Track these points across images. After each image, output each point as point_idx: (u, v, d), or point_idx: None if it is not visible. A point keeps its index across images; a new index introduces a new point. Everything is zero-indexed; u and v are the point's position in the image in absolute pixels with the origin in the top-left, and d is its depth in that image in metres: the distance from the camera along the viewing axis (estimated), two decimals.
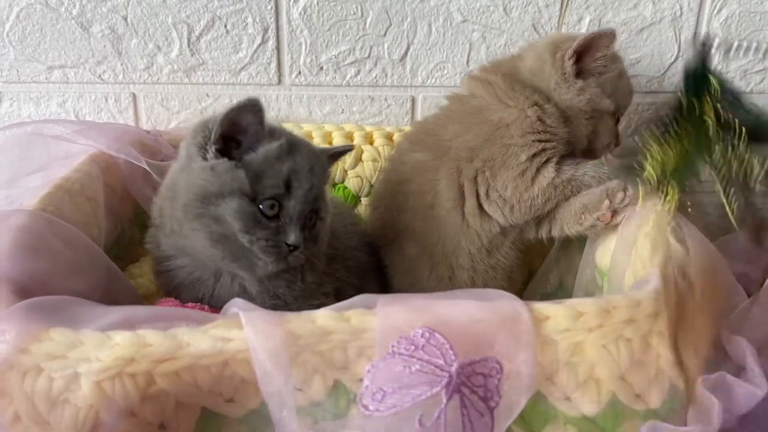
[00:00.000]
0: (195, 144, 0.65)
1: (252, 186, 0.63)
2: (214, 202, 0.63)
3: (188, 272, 0.68)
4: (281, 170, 0.64)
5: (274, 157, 0.64)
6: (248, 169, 0.63)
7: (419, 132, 0.85)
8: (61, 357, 0.47)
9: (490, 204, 0.77)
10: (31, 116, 1.00)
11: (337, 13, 0.97)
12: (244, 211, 0.62)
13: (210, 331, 0.48)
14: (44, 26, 0.96)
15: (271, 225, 0.64)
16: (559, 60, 0.77)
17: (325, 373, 0.51)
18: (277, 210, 0.64)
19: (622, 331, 0.52)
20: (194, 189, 0.63)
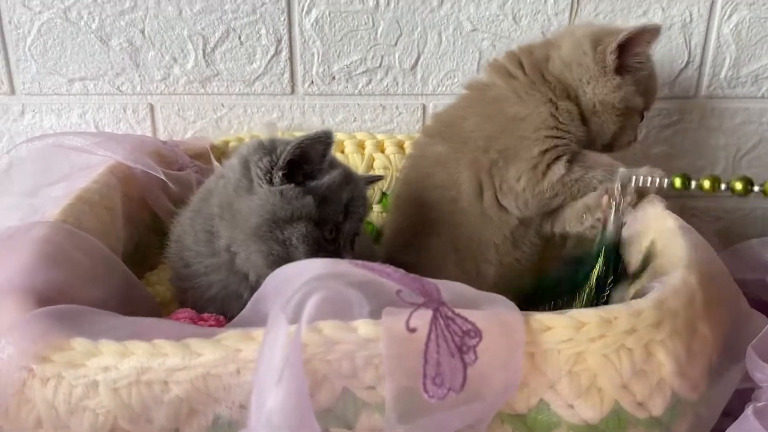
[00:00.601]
0: (260, 167, 0.66)
1: (318, 212, 0.66)
2: (282, 227, 0.65)
3: (222, 287, 0.70)
4: (343, 197, 0.68)
5: (337, 185, 0.68)
6: (315, 195, 0.66)
7: (438, 124, 0.85)
8: (81, 365, 0.49)
9: (504, 196, 0.78)
10: (52, 127, 1.04)
11: (349, 24, 0.99)
12: (311, 236, 0.65)
13: (222, 342, 0.50)
14: (65, 40, 0.99)
15: (330, 248, 0.67)
16: (600, 53, 0.77)
17: (334, 380, 0.52)
18: (335, 234, 0.68)
19: (623, 341, 0.53)
20: (263, 213, 0.65)
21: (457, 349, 0.45)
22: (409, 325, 0.45)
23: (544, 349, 0.52)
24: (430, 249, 0.80)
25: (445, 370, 0.44)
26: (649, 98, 0.83)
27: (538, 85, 0.78)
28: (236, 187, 0.67)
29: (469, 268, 0.80)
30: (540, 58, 0.81)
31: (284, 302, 0.46)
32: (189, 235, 0.71)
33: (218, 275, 0.70)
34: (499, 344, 0.50)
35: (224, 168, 0.71)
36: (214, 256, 0.69)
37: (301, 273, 0.47)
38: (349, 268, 0.48)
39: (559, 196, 0.77)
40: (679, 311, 0.55)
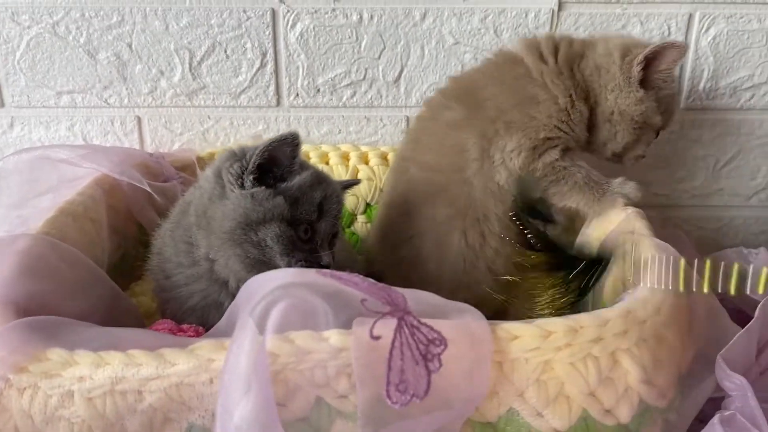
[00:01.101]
0: (231, 173, 0.67)
1: (291, 212, 0.67)
2: (255, 228, 0.66)
3: (202, 297, 0.71)
4: (315, 197, 0.69)
5: (308, 185, 0.69)
6: (286, 196, 0.67)
7: (456, 88, 0.85)
8: (57, 375, 0.50)
9: (496, 170, 0.79)
10: (41, 139, 1.05)
11: (333, 38, 1.01)
12: (284, 235, 0.66)
13: (195, 352, 0.51)
14: (53, 54, 1.00)
15: (305, 247, 0.68)
16: (627, 64, 0.78)
17: (307, 390, 0.53)
18: (310, 234, 0.69)
19: (590, 350, 0.54)
20: (236, 216, 0.66)
21: (421, 357, 0.46)
22: (373, 333, 0.46)
23: (512, 357, 0.53)
24: (436, 215, 0.80)
25: (409, 378, 0.45)
26: (668, 118, 0.84)
27: (565, 78, 0.79)
28: (210, 195, 0.68)
29: (473, 240, 0.80)
30: (576, 52, 0.82)
31: (250, 309, 0.47)
32: (169, 246, 0.72)
33: (199, 285, 0.71)
34: (467, 353, 0.51)
35: (200, 179, 0.72)
36: (194, 266, 0.70)
37: (269, 281, 0.49)
38: (316, 278, 0.49)
39: (547, 178, 0.79)
40: (646, 320, 0.56)
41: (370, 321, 0.49)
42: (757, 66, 1.04)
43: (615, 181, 0.78)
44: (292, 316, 0.47)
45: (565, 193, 0.78)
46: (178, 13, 0.99)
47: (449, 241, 0.80)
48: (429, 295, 0.55)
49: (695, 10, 1.01)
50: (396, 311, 0.47)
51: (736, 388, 0.61)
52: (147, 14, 0.99)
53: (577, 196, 0.78)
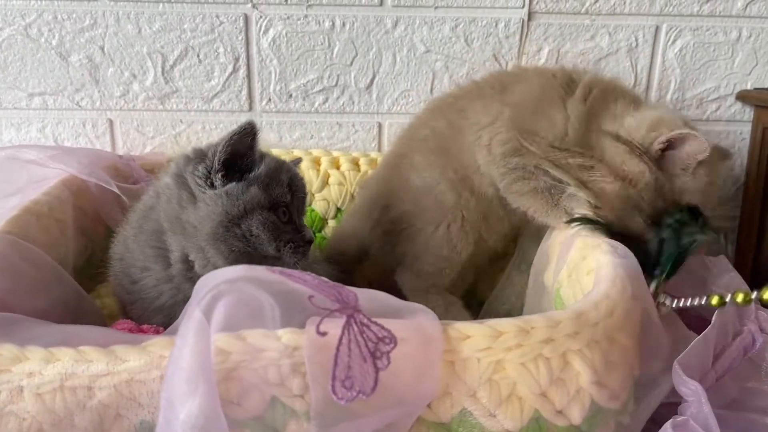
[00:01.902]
0: (197, 176, 0.67)
1: (267, 198, 0.68)
2: (238, 223, 0.66)
3: (171, 295, 0.71)
4: (283, 179, 0.70)
5: (274, 169, 0.70)
6: (258, 184, 0.68)
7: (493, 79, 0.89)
8: (6, 371, 0.50)
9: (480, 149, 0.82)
10: (12, 141, 1.05)
11: (305, 44, 1.02)
12: (268, 222, 0.67)
13: (147, 348, 0.51)
14: (25, 56, 1.00)
15: (288, 229, 0.69)
16: (652, 137, 0.77)
17: (262, 389, 0.53)
18: (288, 215, 0.70)
19: (540, 350, 0.55)
20: (215, 216, 0.66)
21: (369, 354, 0.47)
22: (320, 330, 0.46)
23: (464, 357, 0.54)
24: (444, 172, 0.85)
25: (356, 374, 0.46)
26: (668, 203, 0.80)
27: (582, 125, 0.80)
28: (179, 201, 0.68)
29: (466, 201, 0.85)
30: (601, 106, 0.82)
31: (197, 301, 0.47)
32: (134, 252, 0.72)
33: (169, 285, 0.70)
34: (418, 352, 0.51)
35: (159, 186, 0.72)
36: (166, 269, 0.70)
37: (216, 277, 0.49)
38: (265, 274, 0.49)
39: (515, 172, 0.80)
40: (598, 322, 0.57)
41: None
42: (722, 78, 1.06)
43: (565, 193, 0.79)
44: (238, 311, 0.47)
45: (524, 193, 0.80)
46: (151, 17, 0.99)
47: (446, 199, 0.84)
48: (383, 295, 0.56)
49: (662, 22, 1.03)
50: (346, 308, 0.48)
51: (691, 394, 0.62)
52: (120, 18, 0.99)
53: (532, 201, 0.79)
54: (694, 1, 1.03)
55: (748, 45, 1.05)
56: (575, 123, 0.80)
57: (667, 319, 0.69)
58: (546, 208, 0.79)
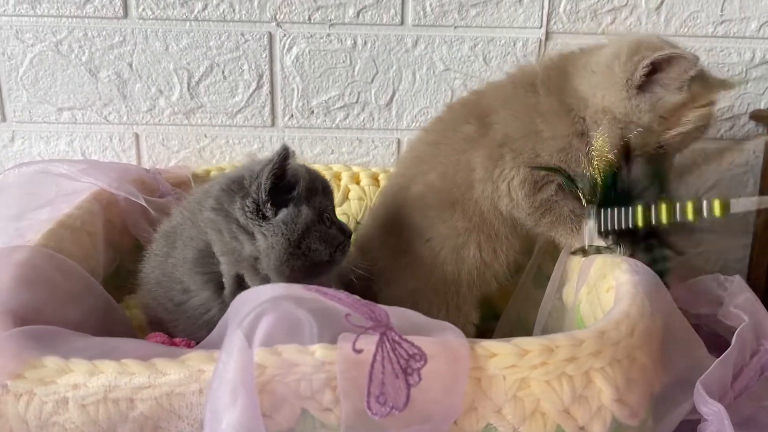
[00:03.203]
0: (247, 212, 0.67)
1: (314, 213, 0.71)
2: (299, 244, 0.69)
3: (219, 310, 0.70)
4: (318, 188, 0.73)
5: (310, 180, 0.72)
6: (305, 203, 0.70)
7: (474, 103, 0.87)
8: (52, 382, 0.52)
9: (500, 197, 0.82)
10: (41, 154, 1.07)
11: (328, 62, 1.04)
12: (323, 234, 0.71)
13: (186, 362, 0.53)
14: (55, 71, 1.03)
15: (334, 233, 0.73)
16: (633, 63, 0.76)
17: (293, 402, 0.55)
18: (330, 219, 0.74)
19: (564, 368, 0.56)
20: (279, 247, 0.67)
21: (401, 371, 0.49)
22: (356, 347, 0.48)
23: (490, 374, 0.55)
24: (457, 227, 0.83)
25: (389, 390, 0.48)
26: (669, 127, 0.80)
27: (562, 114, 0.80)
28: (231, 236, 0.68)
29: (487, 254, 0.84)
30: (560, 74, 0.82)
31: (239, 321, 0.49)
32: (174, 277, 0.72)
33: (218, 301, 0.71)
34: (446, 369, 0.53)
35: (199, 219, 0.71)
36: (217, 291, 0.71)
37: (258, 295, 0.51)
38: (303, 292, 0.51)
39: (541, 208, 0.81)
40: (619, 341, 0.59)
41: (354, 336, 0.51)
42: (736, 97, 1.08)
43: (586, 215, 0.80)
44: (279, 328, 0.49)
45: (552, 222, 0.81)
46: (178, 34, 1.02)
47: (466, 252, 0.83)
48: (412, 313, 0.57)
49: (677, 43, 1.05)
50: (378, 326, 0.50)
51: (713, 414, 0.63)
52: (148, 35, 1.02)
53: (559, 228, 0.81)
54: (708, 23, 1.05)
55: (762, 66, 1.07)
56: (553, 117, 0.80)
57: (689, 341, 0.71)
58: (572, 232, 0.81)
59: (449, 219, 0.84)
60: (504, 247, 0.85)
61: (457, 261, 0.84)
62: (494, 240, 0.84)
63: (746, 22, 1.05)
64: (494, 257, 0.85)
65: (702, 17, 1.04)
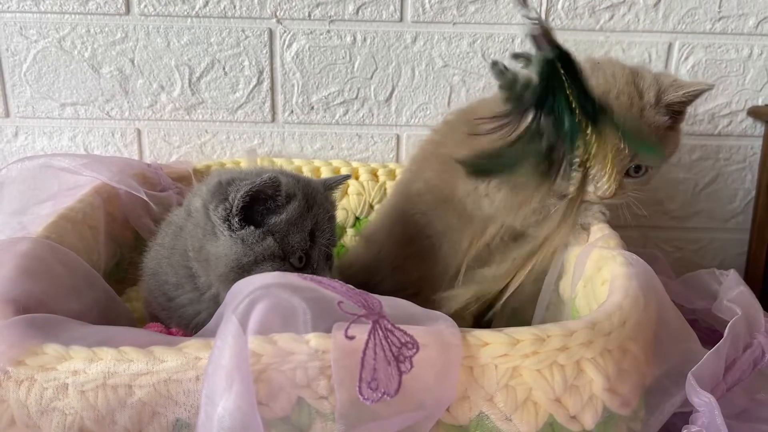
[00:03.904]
0: (217, 216, 0.67)
1: (282, 248, 0.67)
2: (248, 270, 0.66)
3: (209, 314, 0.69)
4: (305, 226, 0.69)
5: (297, 216, 0.69)
6: (275, 232, 0.67)
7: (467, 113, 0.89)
8: (52, 369, 0.53)
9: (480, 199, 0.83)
10: (44, 149, 1.09)
11: (327, 58, 1.05)
12: (279, 271, 0.66)
13: (183, 350, 0.54)
14: (58, 67, 1.04)
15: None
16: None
17: (289, 390, 0.56)
18: (305, 260, 0.69)
19: (555, 358, 0.57)
20: (229, 261, 0.66)
21: (394, 358, 0.50)
22: (348, 333, 0.49)
23: (482, 363, 0.56)
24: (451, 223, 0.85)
25: (381, 376, 0.49)
26: None
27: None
28: (204, 232, 0.69)
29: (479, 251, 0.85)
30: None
31: (234, 308, 0.50)
32: (167, 271, 0.73)
33: (204, 304, 0.72)
34: (438, 358, 0.54)
35: (190, 206, 0.72)
36: (196, 291, 0.72)
37: (252, 282, 0.52)
38: (297, 281, 0.52)
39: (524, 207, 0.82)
40: (611, 332, 0.59)
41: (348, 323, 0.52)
42: (734, 94, 1.09)
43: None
44: (273, 315, 0.50)
45: (540, 221, 0.82)
46: (179, 30, 1.03)
47: (461, 247, 0.85)
48: (405, 303, 0.58)
49: (675, 39, 1.06)
50: (371, 314, 0.51)
51: (704, 405, 0.64)
52: (150, 31, 1.03)
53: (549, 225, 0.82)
54: (706, 19, 1.05)
55: (760, 62, 1.07)
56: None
57: (681, 333, 0.71)
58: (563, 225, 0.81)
59: (444, 216, 0.86)
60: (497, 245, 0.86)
61: (456, 255, 0.86)
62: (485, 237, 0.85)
63: (744, 19, 1.05)
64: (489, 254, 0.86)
65: (700, 13, 1.05)
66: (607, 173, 0.73)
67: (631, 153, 0.73)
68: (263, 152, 1.09)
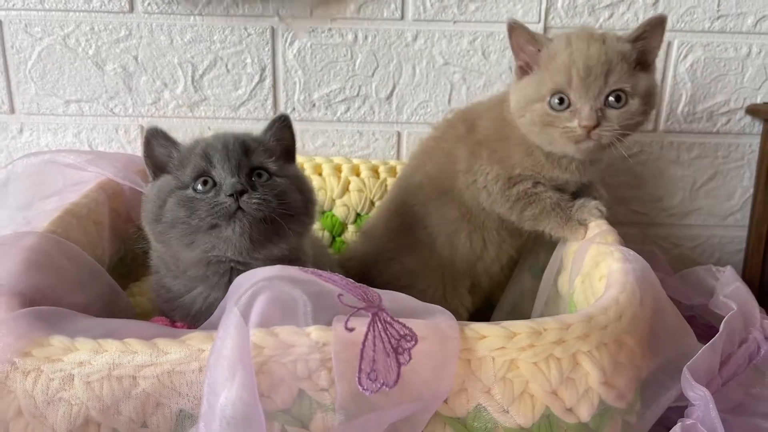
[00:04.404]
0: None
1: (179, 180, 0.69)
2: (162, 212, 0.68)
3: (203, 299, 0.72)
4: (196, 151, 0.70)
5: (190, 147, 0.72)
6: (174, 172, 0.71)
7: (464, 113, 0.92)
8: (58, 360, 0.54)
9: (479, 191, 0.86)
10: (48, 145, 1.10)
11: (329, 56, 1.06)
12: (180, 199, 0.67)
13: (187, 342, 0.55)
14: (63, 64, 1.05)
15: (209, 194, 0.67)
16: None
17: (290, 383, 0.57)
18: (212, 182, 0.68)
19: (552, 351, 0.58)
20: (147, 213, 0.70)
21: (392, 350, 0.51)
22: (348, 325, 0.50)
23: (479, 356, 0.57)
24: (447, 215, 0.88)
25: (380, 368, 0.50)
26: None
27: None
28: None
29: (476, 245, 0.89)
30: None
31: (236, 300, 0.51)
32: (161, 264, 0.75)
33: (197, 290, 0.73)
34: (436, 350, 0.55)
35: None
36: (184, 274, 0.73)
37: (254, 275, 0.53)
38: (298, 274, 0.53)
39: (521, 201, 0.84)
40: (607, 326, 0.60)
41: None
42: (733, 92, 1.09)
43: (575, 205, 0.84)
44: (274, 307, 0.51)
45: (536, 216, 0.84)
46: (182, 28, 1.04)
47: (457, 240, 0.88)
48: (405, 297, 0.59)
49: (674, 38, 1.07)
50: (371, 307, 0.52)
51: (699, 399, 0.65)
52: (153, 29, 1.04)
53: (546, 221, 0.84)
54: (705, 18, 1.06)
55: (758, 60, 1.08)
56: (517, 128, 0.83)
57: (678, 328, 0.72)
58: (560, 223, 0.83)
59: (442, 207, 0.88)
60: (494, 240, 0.89)
61: (451, 247, 0.89)
62: (483, 231, 0.88)
63: (743, 18, 1.06)
64: (483, 248, 0.89)
65: (699, 12, 1.05)
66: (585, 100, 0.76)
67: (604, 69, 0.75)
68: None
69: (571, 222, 0.82)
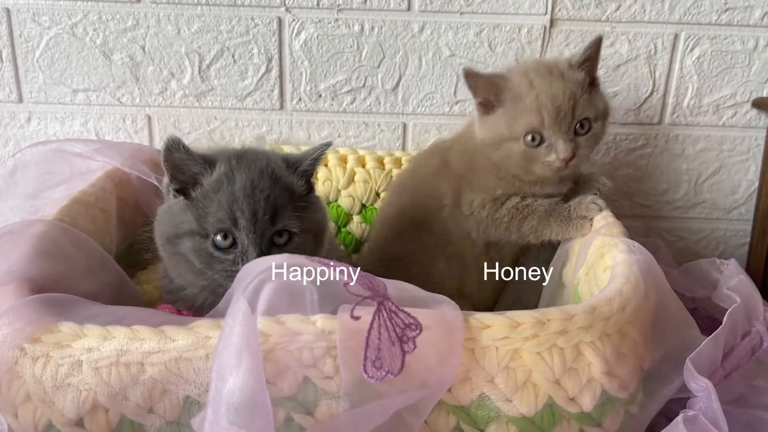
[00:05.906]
0: (164, 185, 0.70)
1: (199, 224, 0.66)
2: (176, 243, 0.68)
3: (210, 292, 0.72)
4: (222, 203, 0.66)
5: (213, 190, 0.67)
6: (196, 206, 0.67)
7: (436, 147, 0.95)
8: (67, 346, 0.55)
9: (466, 220, 0.87)
10: (56, 134, 1.10)
11: (335, 46, 1.06)
12: (198, 250, 0.67)
13: (194, 329, 0.56)
14: (71, 54, 1.06)
15: (228, 257, 0.66)
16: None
17: (296, 370, 0.58)
18: (232, 240, 0.66)
19: (555, 341, 0.59)
20: (160, 232, 0.70)
21: (397, 339, 0.51)
22: (354, 314, 0.51)
23: (483, 345, 0.58)
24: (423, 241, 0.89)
25: (385, 356, 0.50)
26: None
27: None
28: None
29: (454, 270, 0.89)
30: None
31: (243, 288, 0.52)
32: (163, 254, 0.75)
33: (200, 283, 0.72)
34: (441, 339, 0.56)
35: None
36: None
37: (261, 264, 0.54)
38: (305, 262, 0.54)
39: (515, 218, 0.85)
40: (610, 317, 0.61)
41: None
42: (739, 85, 1.09)
43: (572, 204, 0.85)
44: (280, 295, 0.52)
45: (536, 227, 0.85)
46: (189, 18, 1.04)
47: (435, 266, 0.88)
48: (410, 287, 0.60)
49: (681, 30, 1.06)
50: (376, 296, 0.52)
51: (701, 390, 0.65)
52: (160, 19, 1.04)
53: (547, 228, 0.85)
54: (712, 11, 1.05)
55: (765, 54, 1.07)
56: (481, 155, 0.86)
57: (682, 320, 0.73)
58: (563, 226, 0.84)
59: (417, 236, 0.89)
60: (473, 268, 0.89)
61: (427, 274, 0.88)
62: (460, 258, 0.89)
63: (750, 11, 1.05)
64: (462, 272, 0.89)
65: (706, 5, 1.05)
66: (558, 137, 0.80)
67: (570, 104, 0.80)
68: (271, 139, 1.10)
69: (572, 221, 0.83)
